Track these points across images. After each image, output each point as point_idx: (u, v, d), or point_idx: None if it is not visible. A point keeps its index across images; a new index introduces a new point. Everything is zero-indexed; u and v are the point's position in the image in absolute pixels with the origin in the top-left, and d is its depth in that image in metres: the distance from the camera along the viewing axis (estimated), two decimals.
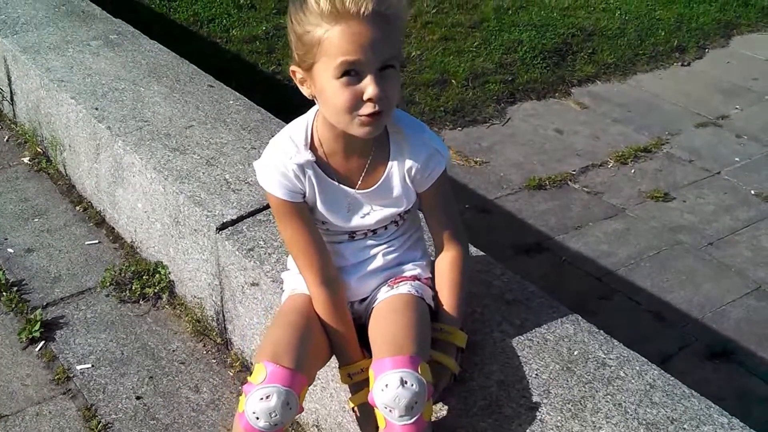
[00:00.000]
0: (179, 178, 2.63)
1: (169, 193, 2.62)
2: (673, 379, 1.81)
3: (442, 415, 1.78)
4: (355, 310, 1.90)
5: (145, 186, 2.77)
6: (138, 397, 2.41)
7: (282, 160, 1.73)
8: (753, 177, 4.10)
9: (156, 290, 2.80)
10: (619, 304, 3.17)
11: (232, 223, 2.42)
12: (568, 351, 1.89)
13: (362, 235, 1.86)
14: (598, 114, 4.70)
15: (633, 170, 4.13)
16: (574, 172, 4.07)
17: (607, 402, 1.75)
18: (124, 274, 2.87)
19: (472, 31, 5.48)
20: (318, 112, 1.73)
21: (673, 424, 1.69)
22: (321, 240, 1.81)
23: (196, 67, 3.48)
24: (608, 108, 4.77)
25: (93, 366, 2.53)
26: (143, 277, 2.84)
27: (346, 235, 1.85)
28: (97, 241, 3.11)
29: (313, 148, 1.74)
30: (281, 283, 2.04)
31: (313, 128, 1.75)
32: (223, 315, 2.53)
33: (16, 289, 2.84)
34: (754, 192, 3.97)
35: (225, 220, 2.42)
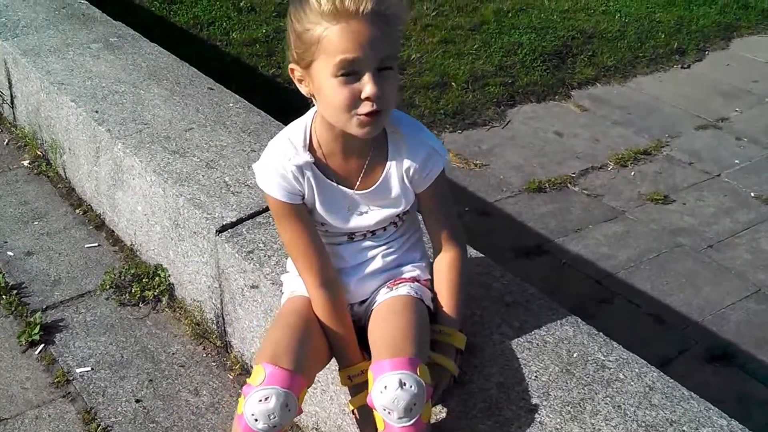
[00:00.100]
0: (179, 180, 2.63)
1: (169, 196, 2.62)
2: (672, 381, 1.81)
3: (441, 417, 1.78)
4: (354, 312, 1.90)
5: (144, 189, 2.77)
6: (138, 400, 2.41)
7: (281, 162, 1.73)
8: (753, 179, 4.11)
9: (156, 293, 2.80)
10: (619, 307, 3.17)
11: (232, 225, 2.42)
12: (567, 353, 1.89)
13: (361, 237, 1.86)
14: (598, 116, 4.70)
15: (633, 173, 4.13)
16: (574, 175, 4.07)
17: (607, 404, 1.75)
18: (123, 277, 2.87)
19: (472, 34, 5.48)
20: (316, 114, 1.73)
21: (672, 426, 1.69)
22: (320, 242, 1.81)
23: (196, 70, 3.48)
24: (608, 110, 4.77)
25: (92, 369, 2.53)
26: (143, 280, 2.84)
27: (345, 237, 1.86)
28: (96, 244, 3.11)
29: (311, 149, 1.75)
30: (281, 286, 2.04)
31: (311, 130, 1.75)
32: (223, 318, 2.53)
33: (15, 292, 2.83)
34: (754, 194, 3.97)
35: (225, 223, 2.42)
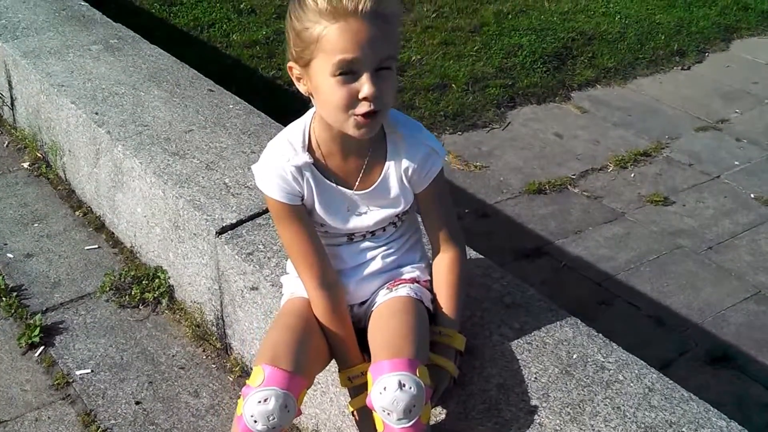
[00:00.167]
0: (179, 182, 2.63)
1: (169, 198, 2.62)
2: (671, 383, 1.81)
3: (441, 418, 1.78)
4: (354, 314, 1.90)
5: (144, 190, 2.77)
6: (137, 402, 2.41)
7: (280, 163, 1.73)
8: (753, 181, 4.10)
9: (155, 295, 2.80)
10: (619, 308, 3.16)
11: (232, 227, 2.42)
12: (567, 354, 1.89)
13: (360, 237, 1.86)
14: (598, 118, 4.70)
15: (633, 174, 4.13)
16: (574, 177, 4.07)
17: (606, 405, 1.75)
18: (123, 279, 2.87)
19: (472, 36, 5.48)
20: (315, 114, 1.73)
21: (671, 427, 1.68)
22: (320, 243, 1.81)
23: (197, 72, 3.48)
24: (608, 112, 4.77)
25: (92, 371, 2.53)
26: (143, 282, 2.84)
27: (345, 237, 1.86)
28: (96, 246, 3.11)
29: (310, 150, 1.75)
30: (281, 287, 2.04)
31: (310, 130, 1.75)
32: (223, 320, 2.53)
33: (15, 294, 2.83)
34: (754, 196, 3.97)
35: (224, 224, 2.42)
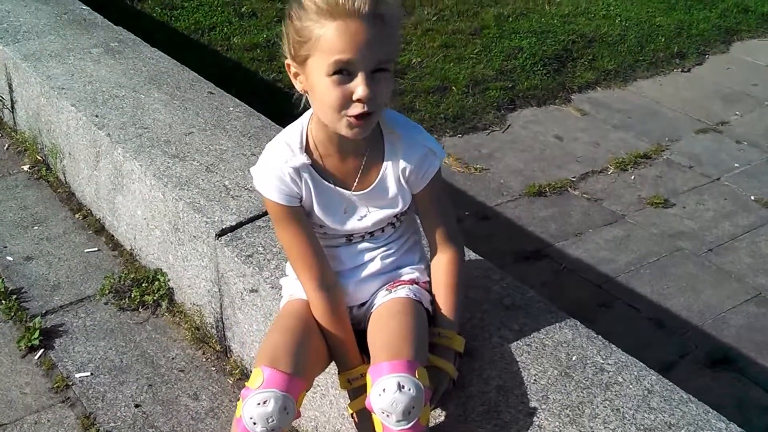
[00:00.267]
0: (179, 184, 2.63)
1: (169, 200, 2.62)
2: (671, 385, 1.80)
3: (440, 420, 1.78)
4: (354, 315, 1.90)
5: (144, 193, 2.77)
6: (137, 405, 2.41)
7: (278, 165, 1.73)
8: (753, 183, 4.10)
9: (155, 298, 2.79)
10: (619, 311, 3.16)
11: (231, 229, 2.42)
12: (566, 356, 1.88)
13: (359, 238, 1.86)
14: (598, 120, 4.70)
15: (633, 176, 4.13)
16: (574, 179, 4.07)
17: (605, 407, 1.74)
18: (123, 282, 2.87)
19: (473, 38, 5.49)
20: (312, 116, 1.74)
21: (671, 429, 1.68)
22: (319, 244, 1.81)
23: (197, 75, 3.49)
24: (608, 114, 4.77)
25: (92, 374, 2.52)
26: (142, 284, 2.84)
27: (344, 239, 1.86)
28: (96, 249, 3.11)
29: (308, 151, 1.75)
30: (280, 289, 2.04)
31: (307, 131, 1.75)
32: (223, 322, 2.53)
33: (15, 297, 2.83)
34: (754, 198, 3.97)
35: (224, 227, 2.42)
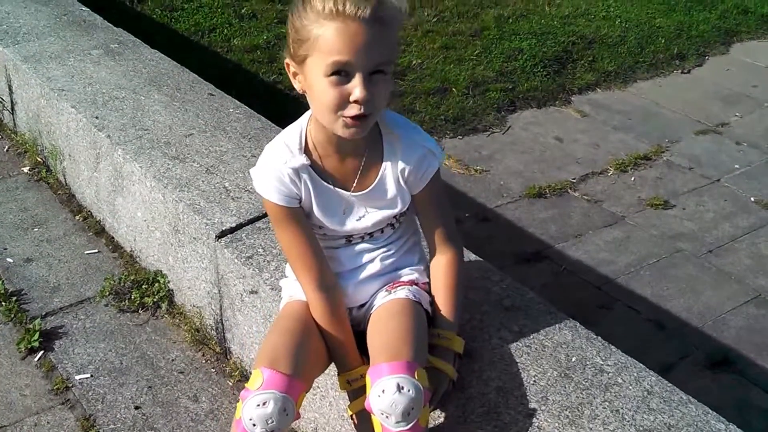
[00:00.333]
0: (179, 186, 2.64)
1: (169, 202, 2.62)
2: (670, 386, 1.80)
3: (439, 421, 1.78)
4: (353, 317, 1.90)
5: (144, 194, 2.77)
6: (137, 407, 2.41)
7: (277, 166, 1.74)
8: (753, 184, 4.11)
9: (155, 299, 2.79)
10: (619, 312, 3.16)
11: (231, 231, 2.42)
12: (566, 357, 1.89)
13: (359, 239, 1.86)
14: (598, 122, 4.70)
15: (633, 178, 4.13)
16: (574, 180, 4.07)
17: (605, 408, 1.74)
18: (123, 284, 2.87)
19: (473, 40, 5.49)
20: (312, 117, 1.74)
21: (670, 430, 1.68)
22: (318, 245, 1.81)
23: (197, 76, 3.49)
24: (608, 116, 4.77)
25: (92, 376, 2.52)
26: (142, 286, 2.84)
27: (343, 240, 1.86)
28: (96, 251, 3.11)
29: (307, 152, 1.75)
30: (280, 291, 2.04)
31: (306, 132, 1.76)
32: (222, 324, 2.53)
33: (15, 299, 2.83)
34: (753, 199, 3.97)
35: (224, 228, 2.42)
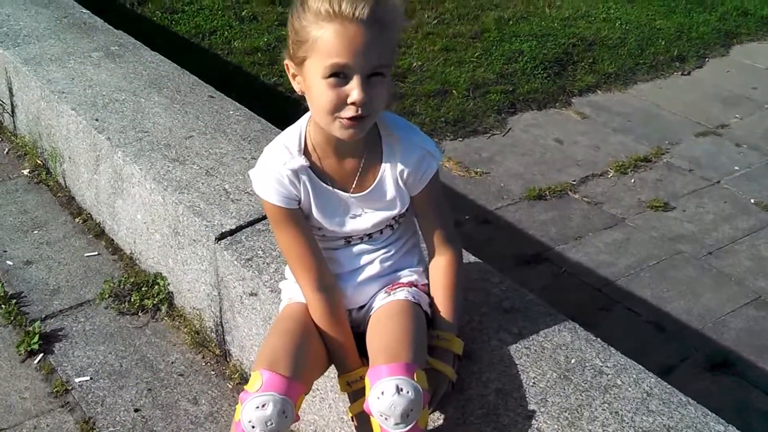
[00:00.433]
0: (179, 188, 2.64)
1: (169, 204, 2.62)
2: (670, 387, 1.80)
3: (438, 423, 1.77)
4: (353, 318, 1.90)
5: (144, 197, 2.77)
6: (136, 410, 2.41)
7: (276, 167, 1.74)
8: (753, 186, 4.10)
9: (155, 302, 2.79)
10: (619, 314, 3.16)
11: (231, 233, 2.42)
12: (565, 359, 1.88)
13: (358, 240, 1.86)
14: (599, 124, 4.70)
15: (633, 180, 4.13)
16: (575, 182, 4.07)
17: (604, 410, 1.74)
18: (123, 286, 2.87)
19: (473, 42, 5.49)
20: (311, 118, 1.74)
21: None
22: (317, 247, 1.81)
23: (197, 78, 3.49)
24: (608, 118, 4.77)
25: (91, 378, 2.52)
26: (142, 288, 2.84)
27: (342, 241, 1.85)
28: (96, 253, 3.11)
29: (306, 153, 1.75)
30: (280, 293, 2.04)
31: (306, 134, 1.76)
32: (222, 326, 2.53)
33: (15, 301, 2.83)
34: (753, 201, 3.97)
35: (224, 230, 2.42)
